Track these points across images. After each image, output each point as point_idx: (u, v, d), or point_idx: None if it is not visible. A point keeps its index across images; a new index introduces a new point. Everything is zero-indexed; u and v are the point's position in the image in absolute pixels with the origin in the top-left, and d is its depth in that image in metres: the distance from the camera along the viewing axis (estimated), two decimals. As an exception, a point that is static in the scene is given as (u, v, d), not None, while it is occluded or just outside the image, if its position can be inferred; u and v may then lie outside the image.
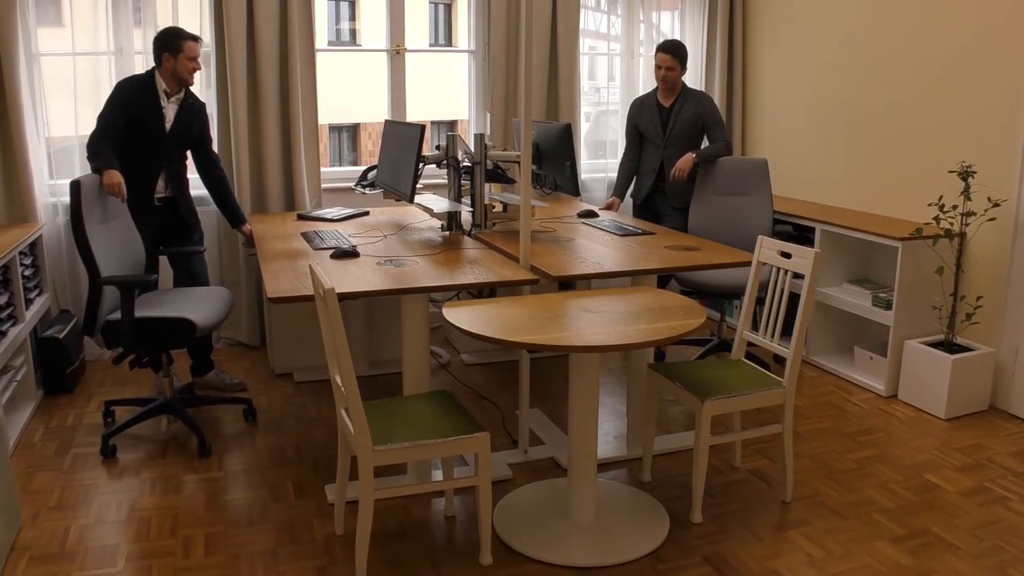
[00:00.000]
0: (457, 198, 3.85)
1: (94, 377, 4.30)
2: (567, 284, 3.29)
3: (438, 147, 3.84)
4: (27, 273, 3.96)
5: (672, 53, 4.41)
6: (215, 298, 3.61)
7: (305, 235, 3.77)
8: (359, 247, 3.49)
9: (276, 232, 3.90)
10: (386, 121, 4.17)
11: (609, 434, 3.65)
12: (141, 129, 3.73)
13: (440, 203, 3.86)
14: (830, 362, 4.47)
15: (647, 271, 3.19)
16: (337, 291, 2.76)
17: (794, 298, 4.34)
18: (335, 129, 14.56)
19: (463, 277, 3.00)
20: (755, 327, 5.11)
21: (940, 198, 3.94)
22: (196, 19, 4.48)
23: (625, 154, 4.74)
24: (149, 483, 3.17)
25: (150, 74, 3.78)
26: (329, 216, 4.26)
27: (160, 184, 3.85)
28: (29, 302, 3.91)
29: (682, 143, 4.50)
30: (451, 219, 3.85)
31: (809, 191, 5.09)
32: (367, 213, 4.40)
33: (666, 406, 3.96)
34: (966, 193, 3.81)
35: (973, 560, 2.68)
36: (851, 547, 2.75)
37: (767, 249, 3.18)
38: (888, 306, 4.06)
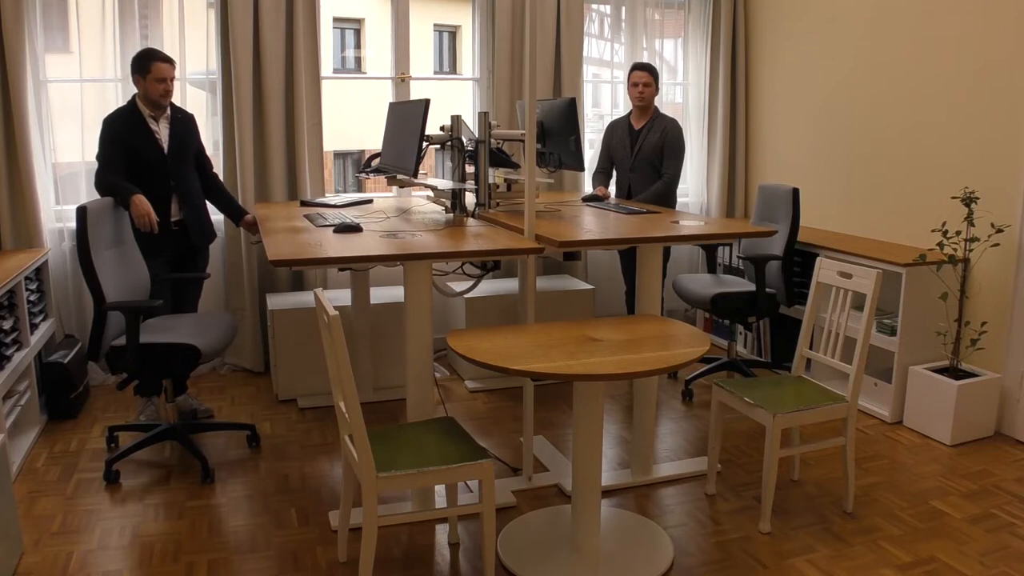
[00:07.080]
0: (461, 180, 3.76)
1: (98, 402, 4.30)
2: (572, 255, 3.25)
3: (442, 128, 3.76)
4: (32, 298, 3.97)
5: (649, 71, 4.53)
6: (219, 324, 3.61)
7: (308, 216, 3.77)
8: (363, 224, 3.46)
9: (279, 215, 3.90)
10: (390, 104, 4.15)
11: (613, 461, 3.64)
12: (140, 158, 3.71)
13: (444, 183, 3.80)
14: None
15: (653, 239, 3.22)
16: (340, 255, 2.78)
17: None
18: (340, 155, 14.63)
19: (467, 248, 2.99)
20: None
21: (943, 224, 3.95)
22: (203, 46, 4.52)
23: (595, 175, 4.85)
24: (152, 509, 3.17)
25: (131, 102, 3.76)
26: (332, 202, 4.27)
27: (174, 208, 3.84)
28: (34, 327, 3.92)
29: (647, 167, 4.56)
30: (455, 199, 3.75)
31: (812, 217, 5.10)
32: (371, 201, 4.42)
33: (667, 435, 3.95)
34: (969, 219, 3.82)
35: (981, 588, 2.66)
36: (857, 574, 2.73)
37: (827, 270, 3.29)
38: (892, 332, 4.05)
